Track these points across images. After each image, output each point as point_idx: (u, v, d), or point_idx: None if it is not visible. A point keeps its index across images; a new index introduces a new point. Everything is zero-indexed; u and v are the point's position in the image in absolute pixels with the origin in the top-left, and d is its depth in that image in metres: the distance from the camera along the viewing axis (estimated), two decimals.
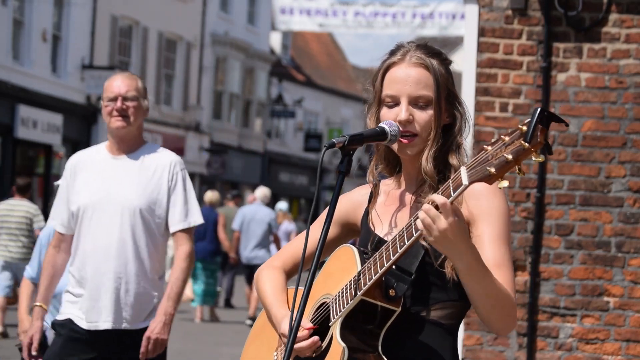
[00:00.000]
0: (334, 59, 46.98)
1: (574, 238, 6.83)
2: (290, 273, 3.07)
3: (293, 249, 3.07)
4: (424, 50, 2.81)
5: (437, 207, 2.49)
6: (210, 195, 16.43)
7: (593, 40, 6.83)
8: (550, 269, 6.85)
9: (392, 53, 2.84)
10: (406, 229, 2.58)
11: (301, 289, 2.77)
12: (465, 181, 2.43)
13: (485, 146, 2.42)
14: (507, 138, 2.38)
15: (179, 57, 31.85)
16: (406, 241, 2.57)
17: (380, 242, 2.80)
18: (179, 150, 31.83)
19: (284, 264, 3.06)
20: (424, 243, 2.71)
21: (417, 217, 2.55)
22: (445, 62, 2.83)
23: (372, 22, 28.22)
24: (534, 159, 2.36)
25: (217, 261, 16.00)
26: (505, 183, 2.39)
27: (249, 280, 15.47)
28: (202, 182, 33.61)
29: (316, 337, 2.74)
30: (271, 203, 18.45)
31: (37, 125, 24.91)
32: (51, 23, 25.84)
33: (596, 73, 6.82)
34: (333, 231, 2.96)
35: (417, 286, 2.72)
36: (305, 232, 2.99)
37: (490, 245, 2.68)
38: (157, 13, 30.20)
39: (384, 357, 2.67)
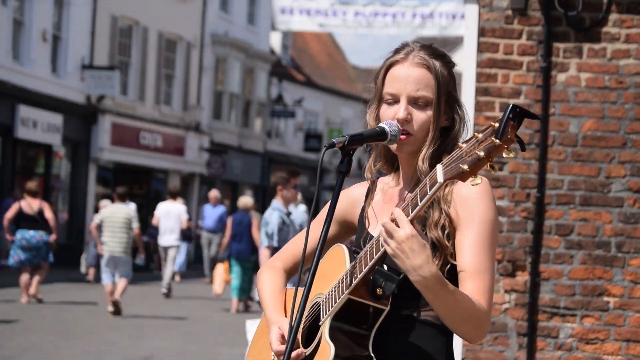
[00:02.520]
0: (334, 59, 46.98)
1: (574, 238, 6.83)
2: (291, 272, 3.08)
3: (293, 248, 3.09)
4: (428, 51, 2.82)
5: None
6: (245, 200, 17.54)
7: (593, 40, 6.82)
8: (550, 269, 6.84)
9: (397, 51, 2.85)
10: None
11: (301, 289, 2.78)
12: (440, 179, 2.44)
13: (460, 144, 2.44)
14: (480, 135, 2.40)
15: (179, 57, 31.84)
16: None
17: (371, 239, 2.80)
18: (179, 150, 31.86)
19: (284, 264, 3.07)
20: None
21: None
22: (449, 65, 2.83)
23: (372, 22, 28.22)
24: (504, 155, 2.36)
25: (251, 259, 16.90)
26: (478, 180, 2.40)
27: None
28: (202, 182, 33.61)
29: (300, 350, 2.78)
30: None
31: (37, 125, 24.92)
32: (51, 23, 25.84)
33: (596, 73, 6.82)
34: (332, 229, 2.97)
35: (408, 286, 2.73)
36: (304, 231, 3.00)
37: (470, 250, 2.68)
38: (157, 13, 30.19)
39: (373, 356, 2.68)
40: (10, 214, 16.80)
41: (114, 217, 15.63)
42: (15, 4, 24.52)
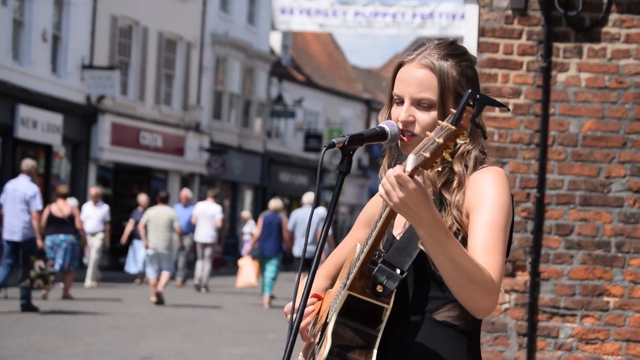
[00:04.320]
0: (334, 59, 46.98)
1: (574, 238, 6.83)
2: (334, 277, 3.06)
3: (335, 255, 3.10)
4: (441, 50, 2.79)
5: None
6: (275, 202, 19.14)
7: (593, 40, 6.83)
8: (550, 269, 6.85)
9: (412, 50, 2.84)
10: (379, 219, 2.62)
11: (304, 287, 2.77)
12: (408, 167, 2.45)
13: (427, 132, 2.48)
14: (444, 123, 2.42)
15: (179, 57, 31.84)
16: (375, 229, 2.60)
17: (391, 240, 2.78)
18: (179, 150, 31.85)
19: (327, 271, 3.08)
20: (421, 247, 2.69)
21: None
22: (462, 65, 2.78)
23: (372, 22, 28.22)
24: (459, 141, 2.39)
25: (280, 257, 18.62)
26: (439, 168, 2.44)
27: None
28: (202, 182, 33.60)
29: (313, 311, 2.86)
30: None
31: (37, 125, 24.91)
32: (51, 23, 25.84)
33: (596, 73, 6.82)
34: (362, 233, 2.96)
35: (420, 287, 2.71)
36: (348, 237, 3.03)
37: (481, 230, 2.64)
38: (157, 13, 30.19)
39: (374, 356, 2.65)
40: (43, 220, 17.06)
41: (158, 218, 17.79)
42: (15, 4, 24.52)
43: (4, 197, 14.89)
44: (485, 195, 2.68)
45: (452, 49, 2.80)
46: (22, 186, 14.74)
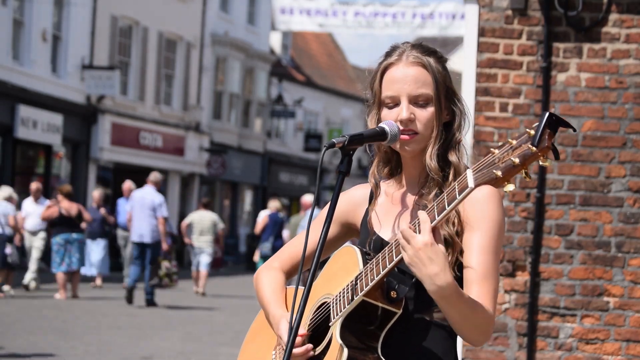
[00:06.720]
0: (334, 59, 46.97)
1: (574, 238, 6.83)
2: (289, 274, 3.06)
3: (291, 249, 3.07)
4: (420, 49, 2.81)
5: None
6: (274, 203, 20.90)
7: (593, 40, 6.82)
8: (550, 269, 6.84)
9: (388, 54, 2.84)
10: None
11: (301, 288, 2.77)
12: (471, 184, 2.42)
13: (492, 149, 2.41)
14: (514, 142, 2.37)
15: (179, 57, 31.83)
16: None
17: (380, 242, 2.79)
18: (179, 150, 31.85)
19: (282, 265, 3.05)
20: None
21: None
22: (441, 60, 2.82)
23: (372, 22, 28.20)
24: (540, 163, 2.35)
25: None
26: (511, 187, 2.38)
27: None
28: (202, 182, 33.60)
29: (309, 345, 2.75)
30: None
31: (37, 125, 24.91)
32: (51, 23, 25.84)
33: (596, 73, 6.82)
34: (332, 230, 2.94)
35: (419, 288, 2.72)
36: (304, 232, 2.98)
37: (479, 253, 2.67)
38: (157, 13, 30.19)
39: (382, 358, 2.67)
40: (52, 215, 17.74)
41: (202, 222, 20.23)
42: (15, 4, 24.52)
43: (132, 204, 16.99)
44: (483, 213, 2.70)
45: (427, 48, 2.84)
46: (149, 195, 16.73)
